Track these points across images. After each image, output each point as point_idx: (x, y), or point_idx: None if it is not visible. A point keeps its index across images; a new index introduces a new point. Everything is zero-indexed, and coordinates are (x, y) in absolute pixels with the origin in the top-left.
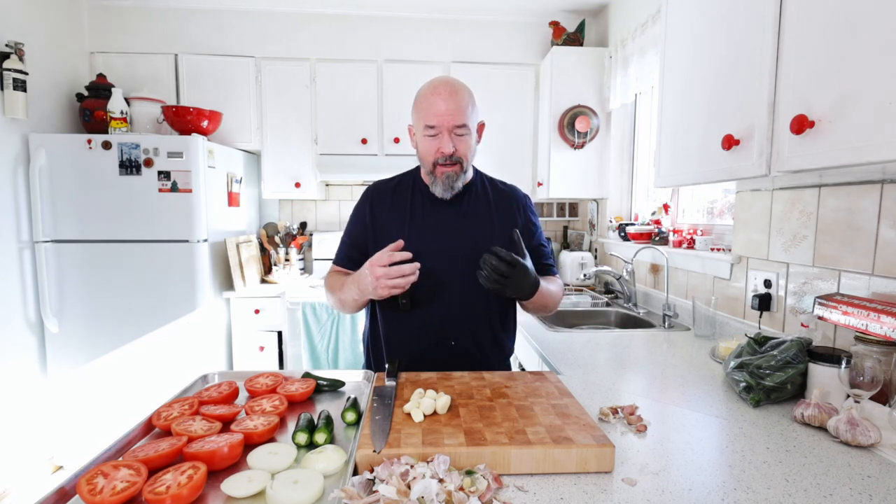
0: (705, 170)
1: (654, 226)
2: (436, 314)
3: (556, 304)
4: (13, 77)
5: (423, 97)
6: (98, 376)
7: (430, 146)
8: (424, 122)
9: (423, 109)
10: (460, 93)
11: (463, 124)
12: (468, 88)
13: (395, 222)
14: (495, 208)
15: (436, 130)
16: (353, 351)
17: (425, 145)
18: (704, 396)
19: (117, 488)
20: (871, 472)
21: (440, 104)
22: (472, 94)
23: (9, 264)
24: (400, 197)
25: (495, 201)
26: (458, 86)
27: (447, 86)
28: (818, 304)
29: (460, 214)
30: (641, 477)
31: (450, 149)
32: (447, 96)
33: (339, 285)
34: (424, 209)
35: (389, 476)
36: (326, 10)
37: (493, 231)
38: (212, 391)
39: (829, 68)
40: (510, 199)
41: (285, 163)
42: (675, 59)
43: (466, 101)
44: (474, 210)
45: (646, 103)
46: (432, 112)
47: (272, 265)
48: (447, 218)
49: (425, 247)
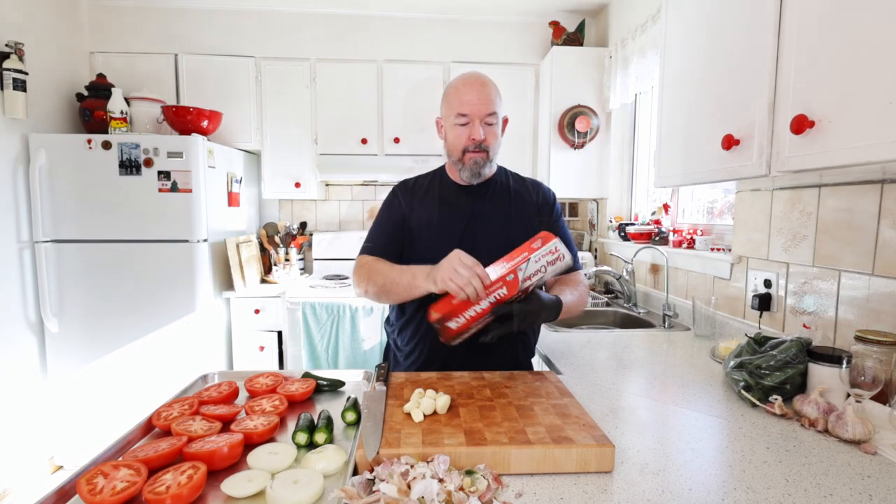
0: (705, 170)
1: (654, 226)
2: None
3: (581, 310)
4: (13, 77)
5: (454, 89)
6: (98, 376)
7: (462, 134)
8: (457, 111)
9: (454, 100)
10: (489, 84)
11: (493, 112)
12: (495, 83)
13: (427, 211)
14: (514, 198)
15: (467, 119)
16: (353, 351)
17: (455, 133)
18: (704, 396)
19: (117, 488)
20: (871, 472)
21: (472, 94)
22: (498, 88)
23: (9, 264)
24: (429, 188)
25: (515, 193)
26: (487, 78)
27: (477, 77)
28: None
29: (485, 202)
30: (641, 477)
31: (481, 135)
32: (479, 87)
33: (387, 270)
34: (451, 200)
35: (390, 476)
36: (326, 10)
37: (512, 220)
38: (212, 391)
39: (829, 68)
40: (532, 192)
41: (285, 163)
42: (675, 59)
43: (495, 92)
44: (497, 199)
45: (646, 103)
46: (465, 101)
47: (272, 265)
48: (472, 204)
49: (455, 232)
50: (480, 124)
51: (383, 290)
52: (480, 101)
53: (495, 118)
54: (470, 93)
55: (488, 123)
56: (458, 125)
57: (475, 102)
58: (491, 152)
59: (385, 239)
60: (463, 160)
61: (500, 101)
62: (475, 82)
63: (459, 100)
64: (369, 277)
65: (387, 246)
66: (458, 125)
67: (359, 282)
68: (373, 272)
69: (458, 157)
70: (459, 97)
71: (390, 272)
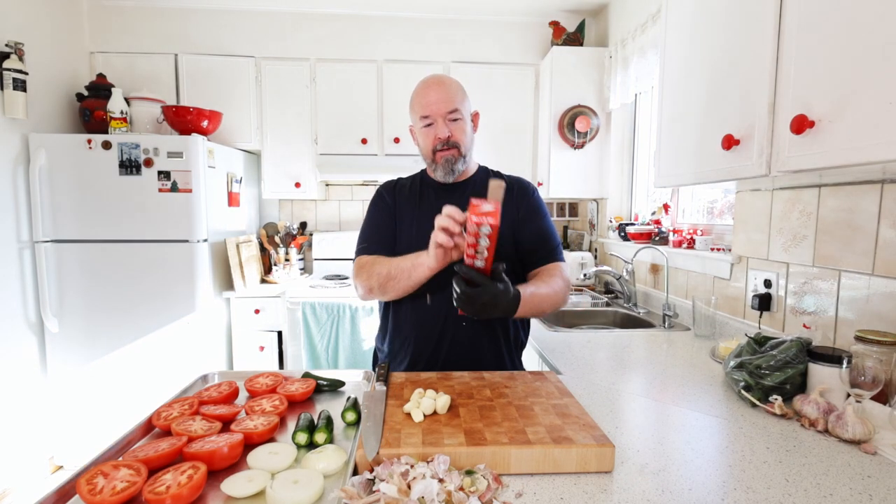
0: (705, 170)
1: (654, 226)
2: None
3: (555, 304)
4: (13, 77)
5: (415, 94)
6: (98, 376)
7: (428, 135)
8: (420, 115)
9: (417, 104)
10: (448, 83)
11: (454, 109)
12: (457, 80)
13: (408, 209)
14: None
15: (430, 119)
16: (353, 351)
17: (423, 136)
18: (704, 396)
19: (117, 488)
20: (871, 472)
21: (431, 95)
22: (461, 85)
23: (9, 264)
24: (410, 189)
25: None
26: (447, 78)
27: (435, 78)
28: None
29: (463, 200)
30: (641, 477)
31: (445, 133)
32: (437, 87)
33: (388, 261)
34: (429, 197)
35: (390, 476)
36: (326, 10)
37: None
38: (212, 391)
39: (829, 68)
40: (514, 186)
41: (285, 163)
42: (675, 59)
43: (455, 89)
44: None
45: (646, 103)
46: (425, 103)
47: (272, 265)
48: (450, 202)
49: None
50: (444, 123)
51: (388, 279)
52: (440, 100)
53: (459, 114)
54: (429, 94)
55: (452, 120)
56: (424, 127)
57: (435, 102)
58: (462, 148)
59: (378, 235)
60: (435, 160)
61: (463, 97)
62: (433, 83)
63: (420, 103)
64: (370, 273)
65: (381, 241)
66: (423, 127)
67: (361, 282)
68: (374, 267)
69: (431, 159)
70: (420, 100)
71: (392, 261)
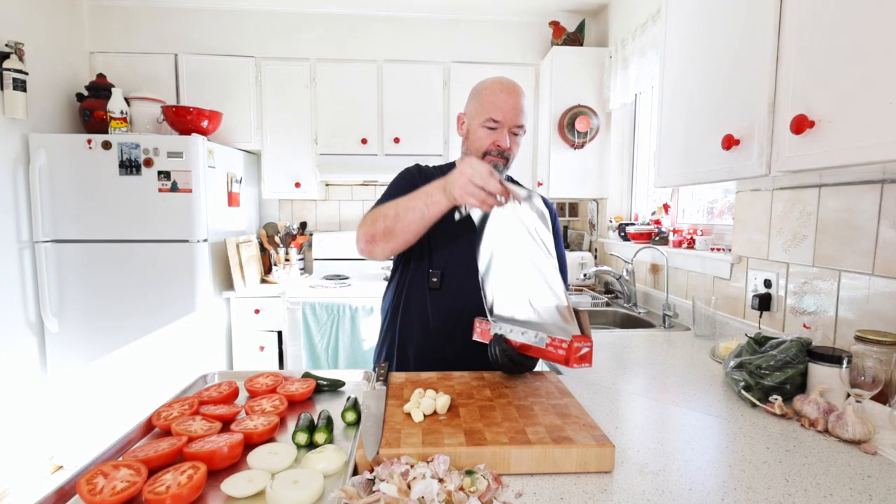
0: (705, 170)
1: (654, 226)
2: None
3: None
4: (13, 77)
5: (489, 90)
6: (98, 376)
7: (488, 137)
8: (489, 115)
9: (489, 103)
10: (522, 94)
11: (522, 125)
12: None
13: None
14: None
15: (498, 125)
16: (353, 351)
17: (481, 135)
18: (704, 396)
19: (117, 488)
20: (871, 472)
21: (509, 102)
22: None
23: (9, 264)
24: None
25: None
26: (520, 87)
27: (512, 85)
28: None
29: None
30: (641, 477)
31: (507, 144)
32: (513, 96)
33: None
34: None
35: (390, 476)
36: (326, 10)
37: None
38: (212, 391)
39: (829, 68)
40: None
41: (285, 163)
42: (676, 59)
43: (526, 104)
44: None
45: (646, 103)
46: (498, 106)
47: (272, 265)
48: None
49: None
50: (508, 133)
51: (395, 221)
52: (514, 109)
53: (522, 130)
54: (507, 100)
55: (514, 133)
56: (487, 128)
57: (510, 110)
58: (510, 161)
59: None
60: (482, 160)
61: (528, 113)
62: (511, 89)
63: (494, 104)
64: (375, 219)
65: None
66: (486, 127)
67: (363, 233)
68: (380, 211)
69: (479, 157)
70: (494, 101)
71: (400, 201)
